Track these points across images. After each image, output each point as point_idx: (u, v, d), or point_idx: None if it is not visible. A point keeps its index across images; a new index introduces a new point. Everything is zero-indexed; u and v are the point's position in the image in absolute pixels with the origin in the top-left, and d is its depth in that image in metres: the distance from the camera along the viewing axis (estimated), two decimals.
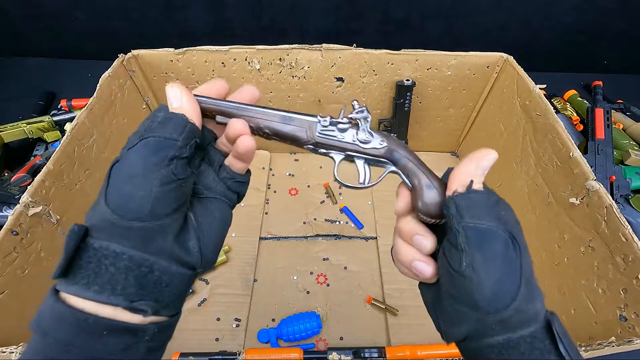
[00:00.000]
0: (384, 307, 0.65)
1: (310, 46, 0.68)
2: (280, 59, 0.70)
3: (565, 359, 0.22)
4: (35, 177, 0.47)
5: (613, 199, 0.49)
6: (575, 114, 0.96)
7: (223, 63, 0.69)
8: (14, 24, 1.03)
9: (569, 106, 0.98)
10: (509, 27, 1.04)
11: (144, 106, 0.73)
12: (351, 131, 0.30)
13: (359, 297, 0.67)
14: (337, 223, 0.78)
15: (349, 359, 0.47)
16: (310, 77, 0.73)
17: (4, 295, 0.42)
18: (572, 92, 1.02)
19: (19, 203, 0.44)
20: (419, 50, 0.70)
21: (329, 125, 0.30)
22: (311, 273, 0.71)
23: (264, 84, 0.73)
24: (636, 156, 0.82)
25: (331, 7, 0.99)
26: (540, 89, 0.63)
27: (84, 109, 0.56)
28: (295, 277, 0.70)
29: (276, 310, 0.66)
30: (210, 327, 0.63)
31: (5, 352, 0.36)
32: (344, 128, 0.30)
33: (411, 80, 0.73)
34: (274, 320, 0.64)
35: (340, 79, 0.74)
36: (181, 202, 0.25)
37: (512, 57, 0.70)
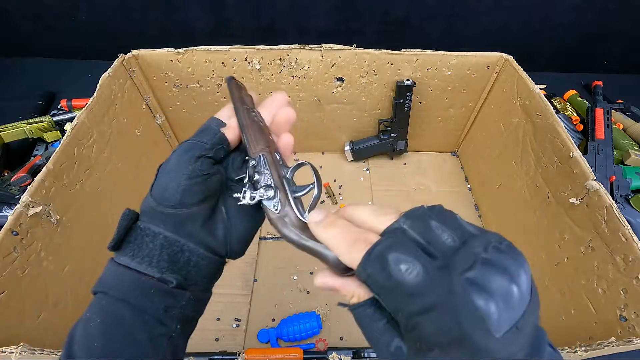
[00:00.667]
0: None
1: (310, 46, 0.68)
2: (280, 59, 0.70)
3: None
4: (35, 177, 0.46)
5: (613, 199, 0.49)
6: (575, 114, 0.96)
7: (223, 63, 0.69)
8: (14, 24, 1.03)
9: (569, 106, 0.98)
10: (509, 27, 1.04)
11: (144, 106, 0.73)
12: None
13: None
14: None
15: (349, 359, 0.47)
16: (310, 77, 0.73)
17: (4, 295, 0.42)
18: (572, 92, 1.01)
19: (19, 203, 0.44)
20: (419, 50, 0.70)
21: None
22: (311, 273, 0.71)
23: (264, 84, 0.73)
24: (636, 156, 0.82)
25: (331, 7, 0.99)
26: (540, 89, 0.63)
27: (84, 109, 0.55)
28: (295, 277, 0.70)
29: (276, 310, 0.66)
30: (210, 327, 0.63)
31: (5, 352, 0.36)
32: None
33: (411, 80, 0.73)
34: (274, 320, 0.64)
35: (340, 79, 0.74)
36: (207, 195, 0.29)
37: (512, 57, 0.70)
